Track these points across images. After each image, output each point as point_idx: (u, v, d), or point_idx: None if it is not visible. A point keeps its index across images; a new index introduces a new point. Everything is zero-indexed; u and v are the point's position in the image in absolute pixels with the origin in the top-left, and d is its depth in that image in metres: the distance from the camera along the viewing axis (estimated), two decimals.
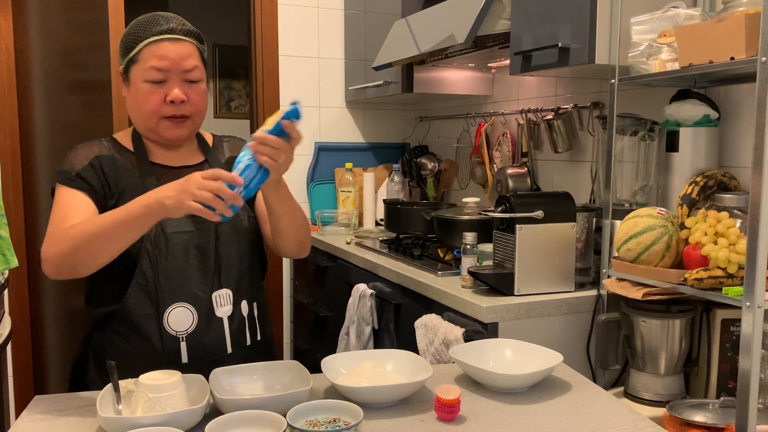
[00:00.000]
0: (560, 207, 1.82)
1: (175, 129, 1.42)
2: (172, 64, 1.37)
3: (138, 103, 1.40)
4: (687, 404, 1.46)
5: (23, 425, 1.16)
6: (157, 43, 1.37)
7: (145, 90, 1.38)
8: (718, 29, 1.47)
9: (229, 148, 1.59)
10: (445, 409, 1.16)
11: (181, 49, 1.39)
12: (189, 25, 1.43)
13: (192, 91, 1.41)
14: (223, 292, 1.43)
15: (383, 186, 3.26)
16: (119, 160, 1.44)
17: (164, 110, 1.39)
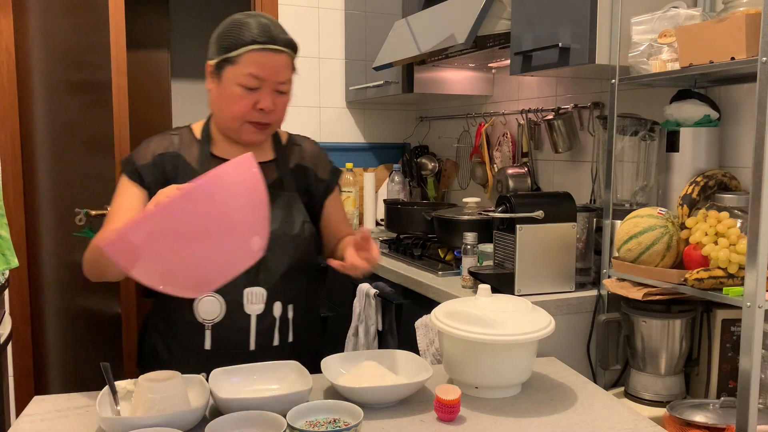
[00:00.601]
0: (561, 207, 1.82)
1: (256, 134, 1.45)
2: (270, 75, 1.39)
3: (226, 103, 1.42)
4: (687, 404, 1.46)
5: (23, 425, 1.16)
6: (260, 51, 1.38)
7: (237, 93, 1.39)
8: (718, 29, 1.47)
9: (299, 155, 1.59)
10: (445, 409, 1.16)
11: (280, 61, 1.40)
12: (288, 34, 1.44)
13: (279, 101, 1.43)
14: (256, 290, 1.43)
15: (384, 186, 3.26)
16: (182, 159, 1.47)
17: (251, 116, 1.42)
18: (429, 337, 1.90)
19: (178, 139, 1.50)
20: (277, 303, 1.46)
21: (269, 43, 1.38)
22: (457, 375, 1.32)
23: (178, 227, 1.00)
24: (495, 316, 1.27)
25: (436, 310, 1.36)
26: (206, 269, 1.06)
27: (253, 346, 1.44)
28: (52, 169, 2.89)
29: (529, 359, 1.30)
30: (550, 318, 1.31)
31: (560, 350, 1.78)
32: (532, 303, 1.37)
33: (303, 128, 3.30)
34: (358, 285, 2.37)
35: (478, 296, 1.36)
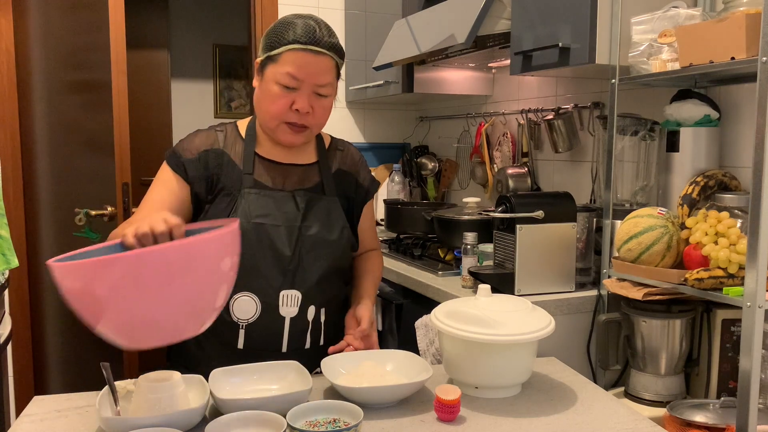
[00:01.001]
0: (561, 207, 1.82)
1: (292, 135, 1.44)
2: (308, 76, 1.38)
3: (265, 101, 1.42)
4: (687, 404, 1.46)
5: (23, 425, 1.16)
6: (300, 51, 1.37)
7: (275, 92, 1.39)
8: (718, 29, 1.47)
9: (341, 159, 1.59)
10: (445, 409, 1.16)
11: (321, 63, 1.38)
12: (335, 37, 1.42)
13: (318, 104, 1.42)
14: (292, 293, 1.43)
15: (384, 186, 3.26)
16: (226, 156, 1.47)
17: (288, 116, 1.41)
18: (429, 337, 1.90)
19: (223, 136, 1.49)
20: (311, 307, 1.46)
21: (311, 44, 1.37)
22: (457, 375, 1.32)
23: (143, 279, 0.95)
24: (495, 316, 1.27)
25: (436, 310, 1.36)
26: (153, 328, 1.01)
27: (285, 348, 1.44)
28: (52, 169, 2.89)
29: (529, 359, 1.30)
30: (550, 318, 1.31)
31: (560, 350, 1.77)
32: (532, 303, 1.36)
33: None
34: None
35: (478, 296, 1.36)
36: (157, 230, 1.11)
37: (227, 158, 1.47)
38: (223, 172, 1.45)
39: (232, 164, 1.46)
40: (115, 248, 1.13)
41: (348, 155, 1.61)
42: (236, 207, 1.42)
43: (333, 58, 1.41)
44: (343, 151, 1.61)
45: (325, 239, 1.46)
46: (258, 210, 1.42)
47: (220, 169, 1.46)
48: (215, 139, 1.49)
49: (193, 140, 1.49)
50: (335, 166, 1.57)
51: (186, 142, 1.48)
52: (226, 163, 1.46)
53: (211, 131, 1.50)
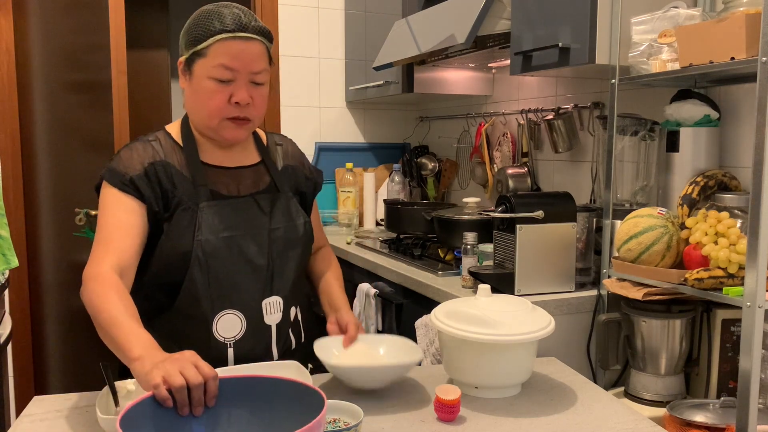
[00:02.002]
0: (560, 207, 1.81)
1: (236, 130, 1.35)
2: (242, 65, 1.30)
3: (200, 100, 1.33)
4: (687, 404, 1.46)
5: (23, 425, 1.16)
6: (229, 40, 1.29)
7: (210, 88, 1.31)
8: (718, 29, 1.47)
9: (284, 154, 1.52)
10: (445, 409, 1.16)
11: (254, 49, 1.31)
12: (260, 21, 1.35)
13: (257, 93, 1.34)
14: (273, 300, 1.39)
15: (384, 186, 3.26)
16: (173, 167, 1.36)
17: (228, 111, 1.32)
18: (429, 337, 1.90)
19: (159, 146, 1.38)
20: (292, 308, 1.44)
21: (239, 31, 1.29)
22: (457, 375, 1.32)
23: None
24: (495, 316, 1.27)
25: (436, 310, 1.36)
26: None
27: (276, 355, 1.41)
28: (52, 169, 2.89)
29: (529, 359, 1.29)
30: (550, 318, 1.31)
31: (560, 350, 1.77)
32: (532, 303, 1.36)
33: (303, 128, 3.30)
34: (358, 285, 2.37)
35: (478, 296, 1.36)
36: (193, 382, 0.95)
37: (174, 169, 1.36)
38: (176, 185, 1.34)
39: (181, 175, 1.36)
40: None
41: (289, 149, 1.55)
42: (199, 224, 1.32)
43: (263, 43, 1.34)
44: (283, 145, 1.54)
45: (292, 238, 1.42)
46: (223, 223, 1.34)
47: (172, 182, 1.34)
48: (154, 151, 1.36)
49: (131, 156, 1.34)
50: (280, 162, 1.50)
51: (124, 159, 1.34)
52: (176, 175, 1.35)
53: (145, 143, 1.37)
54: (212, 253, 1.32)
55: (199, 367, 0.98)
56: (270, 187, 1.44)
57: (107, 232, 1.28)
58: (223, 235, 1.34)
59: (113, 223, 1.29)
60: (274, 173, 1.46)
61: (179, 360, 0.99)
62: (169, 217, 1.33)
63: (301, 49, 3.28)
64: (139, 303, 1.30)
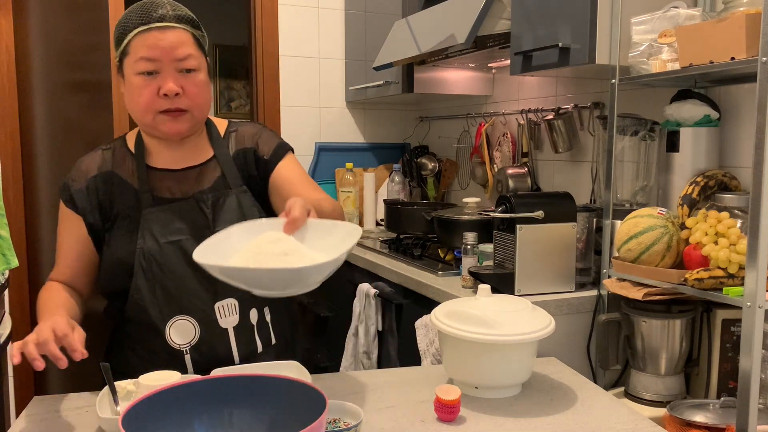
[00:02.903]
0: (561, 207, 1.82)
1: (172, 123, 1.31)
2: (163, 54, 1.26)
3: (132, 98, 1.31)
4: (687, 404, 1.46)
5: (23, 425, 1.16)
6: (146, 33, 1.27)
7: (138, 83, 1.28)
8: (718, 29, 1.47)
9: (236, 139, 1.45)
10: (445, 409, 1.16)
11: (173, 37, 1.28)
12: (183, 9, 1.32)
13: (188, 82, 1.29)
14: (227, 302, 1.33)
15: (384, 186, 3.26)
16: (116, 177, 1.37)
17: (158, 104, 1.29)
18: (429, 337, 1.90)
19: (110, 155, 1.39)
20: (252, 310, 1.36)
21: (154, 22, 1.27)
22: (457, 375, 1.32)
23: None
24: (495, 316, 1.27)
25: (436, 310, 1.36)
26: None
27: (237, 359, 1.34)
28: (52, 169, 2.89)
29: (529, 359, 1.30)
30: (550, 318, 1.31)
31: (560, 350, 1.77)
32: (532, 303, 1.36)
33: (303, 128, 3.30)
34: (358, 285, 2.37)
35: (478, 296, 1.36)
36: (40, 338, 1.10)
37: (117, 179, 1.36)
38: (116, 196, 1.35)
39: (124, 184, 1.36)
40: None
41: (243, 132, 1.46)
42: (141, 230, 1.32)
43: (185, 30, 1.30)
44: (237, 130, 1.46)
45: None
46: (165, 228, 1.32)
47: (111, 193, 1.35)
48: (103, 160, 1.39)
49: (80, 167, 1.39)
50: (232, 148, 1.43)
51: (74, 171, 1.40)
52: (116, 185, 1.36)
53: (98, 152, 1.41)
54: (155, 259, 1.31)
55: (55, 328, 1.12)
56: (217, 183, 1.38)
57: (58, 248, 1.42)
58: (166, 240, 1.32)
59: (62, 239, 1.42)
60: (224, 166, 1.40)
61: (39, 328, 1.12)
62: (110, 227, 1.35)
63: (301, 49, 3.28)
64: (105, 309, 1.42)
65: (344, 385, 1.34)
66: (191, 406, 0.95)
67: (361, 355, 2.33)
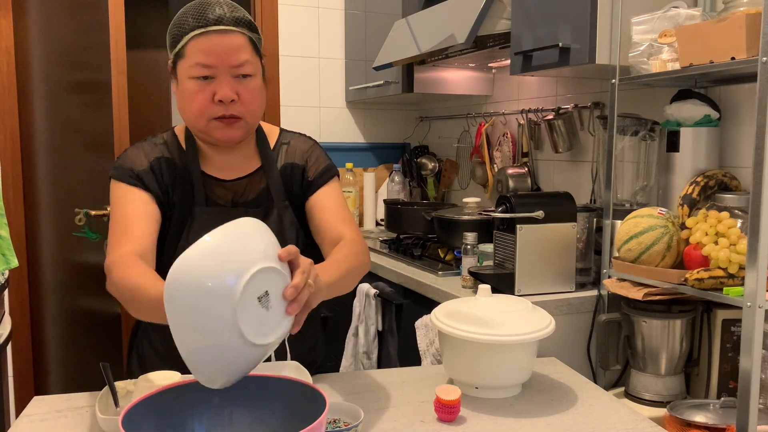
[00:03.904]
0: (561, 207, 1.81)
1: (225, 130, 1.28)
2: (219, 60, 1.22)
3: (185, 103, 1.27)
4: (688, 404, 1.46)
5: (23, 425, 1.16)
6: (202, 36, 1.22)
7: (192, 88, 1.24)
8: (718, 29, 1.47)
9: (287, 152, 1.42)
10: (445, 409, 1.16)
11: (231, 41, 1.23)
12: (240, 10, 1.27)
13: (243, 88, 1.26)
14: None
15: (384, 186, 3.26)
16: (178, 167, 1.34)
17: (213, 110, 1.25)
18: (429, 337, 1.90)
19: (165, 148, 1.36)
20: None
21: (211, 25, 1.22)
22: (457, 375, 1.32)
23: None
24: (495, 316, 1.27)
25: (436, 310, 1.36)
26: None
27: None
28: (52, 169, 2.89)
29: (529, 359, 1.30)
30: (550, 318, 1.31)
31: (560, 350, 1.77)
32: (532, 303, 1.36)
33: (303, 128, 3.30)
34: (358, 285, 2.37)
35: (478, 296, 1.36)
36: None
37: (179, 168, 1.34)
38: (177, 186, 1.33)
39: (184, 177, 1.34)
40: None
41: (295, 147, 1.43)
42: (188, 227, 1.30)
43: (243, 33, 1.25)
44: (290, 143, 1.43)
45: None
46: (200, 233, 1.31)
47: (174, 182, 1.33)
48: (160, 150, 1.35)
49: (138, 153, 1.34)
50: (281, 161, 1.40)
51: (130, 156, 1.33)
52: (179, 176, 1.33)
53: (152, 143, 1.37)
54: None
55: None
56: (261, 196, 1.37)
57: (122, 224, 1.26)
58: None
59: (126, 213, 1.27)
60: (271, 180, 1.38)
61: None
62: (169, 216, 1.32)
63: (301, 49, 3.28)
64: None
65: (344, 385, 1.34)
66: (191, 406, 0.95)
67: (361, 355, 2.33)
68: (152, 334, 1.41)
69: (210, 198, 1.34)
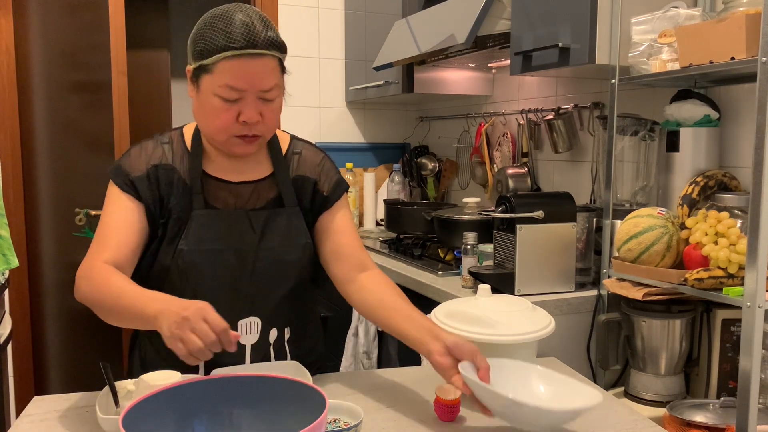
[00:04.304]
0: (561, 207, 1.82)
1: (245, 147, 1.28)
2: (250, 85, 1.20)
3: (207, 116, 1.25)
4: (687, 404, 1.46)
5: (23, 425, 1.16)
6: (235, 59, 1.18)
7: (217, 105, 1.22)
8: (718, 29, 1.47)
9: (298, 163, 1.41)
10: (445, 409, 1.16)
11: (262, 66, 1.20)
12: (272, 30, 1.22)
13: (267, 109, 1.25)
14: (250, 320, 1.32)
15: (384, 186, 3.26)
16: (176, 172, 1.32)
17: (236, 129, 1.24)
18: None
19: (169, 149, 1.35)
20: (272, 330, 1.35)
21: (247, 48, 1.18)
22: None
23: None
24: (495, 316, 1.27)
25: (436, 310, 1.36)
26: None
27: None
28: (52, 169, 2.89)
29: (529, 359, 1.29)
30: (550, 318, 1.31)
31: (560, 350, 1.77)
32: (532, 303, 1.36)
33: (303, 128, 3.30)
34: None
35: (478, 296, 1.36)
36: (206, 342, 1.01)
37: (177, 176, 1.32)
38: (173, 193, 1.31)
39: (182, 183, 1.32)
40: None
41: (306, 157, 1.42)
42: (186, 231, 1.29)
43: (275, 56, 1.23)
44: (301, 153, 1.43)
45: (284, 260, 1.33)
46: (210, 234, 1.29)
47: (171, 189, 1.31)
48: (163, 154, 1.33)
49: (140, 154, 1.33)
50: (293, 172, 1.40)
51: (132, 157, 1.33)
52: (176, 182, 1.32)
53: (157, 144, 1.35)
54: (193, 263, 1.29)
55: (209, 321, 1.01)
56: (273, 202, 1.36)
57: (105, 230, 1.28)
58: (207, 247, 1.29)
59: (111, 220, 1.28)
60: (283, 188, 1.37)
61: (190, 319, 1.02)
62: (165, 223, 1.32)
63: (301, 49, 3.28)
64: None
65: (344, 385, 1.34)
66: (191, 406, 0.95)
67: (361, 355, 2.33)
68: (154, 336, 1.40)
69: (209, 200, 1.33)
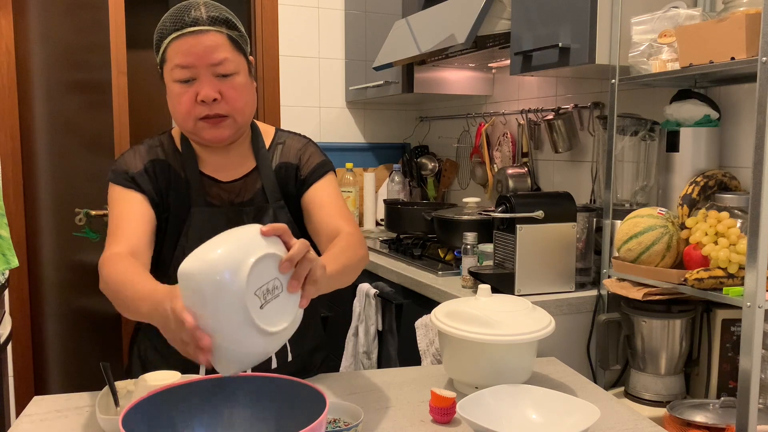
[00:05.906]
0: (561, 207, 1.82)
1: (213, 130, 1.28)
2: (198, 60, 1.23)
3: (173, 105, 1.29)
4: (687, 404, 1.46)
5: (23, 425, 1.16)
6: (180, 39, 1.23)
7: (176, 91, 1.26)
8: (718, 29, 1.47)
9: (281, 152, 1.42)
10: (440, 411, 1.16)
11: (207, 41, 1.23)
12: (217, 9, 1.27)
13: (226, 86, 1.25)
14: None
15: (384, 186, 3.26)
16: (173, 170, 1.34)
17: (197, 111, 1.26)
18: (429, 337, 1.90)
19: (161, 150, 1.37)
20: None
21: (186, 27, 1.23)
22: (457, 375, 1.32)
23: None
24: (495, 316, 1.27)
25: (436, 310, 1.36)
26: None
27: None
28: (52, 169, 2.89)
29: (529, 359, 1.29)
30: (550, 318, 1.31)
31: (560, 350, 1.77)
32: (532, 303, 1.36)
33: (303, 128, 3.30)
34: (358, 285, 2.37)
35: (478, 296, 1.36)
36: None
37: (173, 172, 1.34)
38: (172, 188, 1.33)
39: (179, 177, 1.34)
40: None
41: (290, 146, 1.43)
42: (186, 227, 1.30)
43: (220, 32, 1.25)
44: (285, 143, 1.43)
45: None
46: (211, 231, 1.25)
47: (169, 185, 1.33)
48: (155, 153, 1.36)
49: (134, 156, 1.35)
50: (276, 161, 1.40)
51: (125, 159, 1.34)
52: (174, 178, 1.34)
53: (145, 146, 1.37)
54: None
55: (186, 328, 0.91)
56: (256, 196, 1.37)
57: (115, 222, 1.27)
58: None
59: (120, 213, 1.28)
60: (265, 180, 1.38)
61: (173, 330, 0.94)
62: (166, 218, 1.32)
63: (301, 49, 3.28)
64: None
65: (344, 385, 1.34)
66: (191, 406, 0.95)
67: (361, 355, 2.33)
68: (153, 334, 1.40)
69: (207, 198, 1.34)
